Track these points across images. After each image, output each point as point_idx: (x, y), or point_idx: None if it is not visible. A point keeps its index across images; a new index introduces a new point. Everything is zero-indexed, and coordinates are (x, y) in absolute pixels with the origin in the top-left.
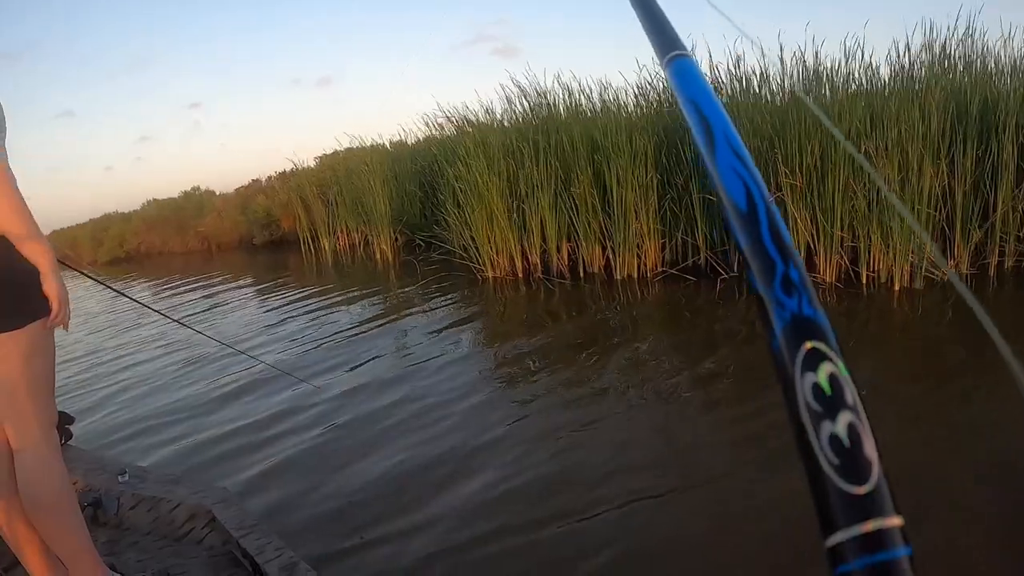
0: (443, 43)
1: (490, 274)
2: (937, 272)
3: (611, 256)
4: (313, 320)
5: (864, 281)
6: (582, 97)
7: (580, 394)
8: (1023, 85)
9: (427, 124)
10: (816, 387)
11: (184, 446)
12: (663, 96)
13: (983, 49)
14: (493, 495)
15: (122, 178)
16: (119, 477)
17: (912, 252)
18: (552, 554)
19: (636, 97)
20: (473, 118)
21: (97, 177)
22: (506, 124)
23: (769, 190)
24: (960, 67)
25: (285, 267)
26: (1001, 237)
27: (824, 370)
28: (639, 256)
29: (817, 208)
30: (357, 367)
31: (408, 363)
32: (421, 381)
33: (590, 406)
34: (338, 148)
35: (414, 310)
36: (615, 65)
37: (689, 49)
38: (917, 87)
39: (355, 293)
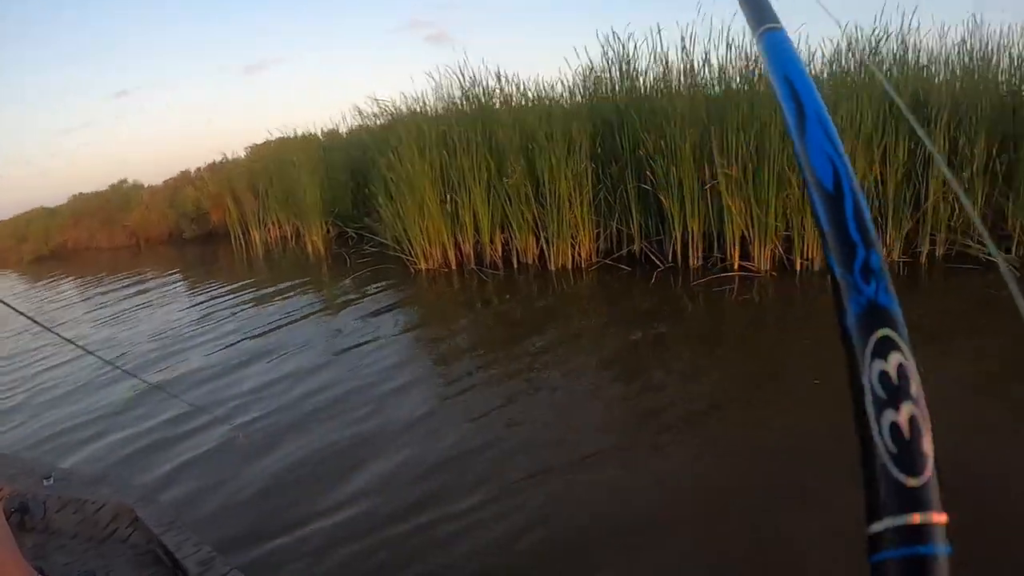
0: (377, 27)
1: (423, 266)
2: None
3: (545, 246)
4: (239, 314)
5: (798, 269)
6: (515, 87)
7: (506, 381)
8: (954, 81)
9: (359, 113)
10: (884, 375)
11: (100, 447)
12: (597, 87)
13: (916, 45)
14: (413, 475)
15: (46, 172)
16: (44, 481)
17: None
18: (478, 529)
19: (572, 87)
20: (405, 107)
21: (20, 171)
22: (439, 113)
23: (704, 180)
24: (890, 62)
25: (215, 261)
26: (932, 226)
27: (894, 359)
28: (573, 246)
29: (752, 198)
30: (281, 360)
31: (334, 354)
32: (345, 371)
33: (516, 392)
34: (269, 138)
35: (344, 302)
36: (551, 55)
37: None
38: (849, 81)
39: (284, 287)
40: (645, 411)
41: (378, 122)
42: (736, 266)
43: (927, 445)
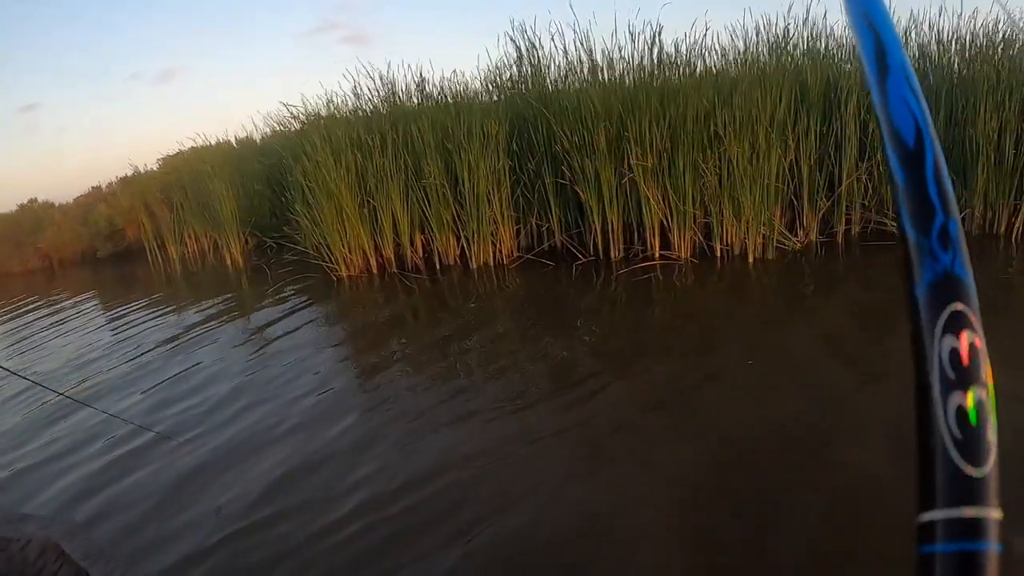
0: (289, 31)
1: (344, 272)
2: (787, 242)
3: (466, 246)
4: (154, 333)
5: (719, 255)
6: (431, 85)
7: (424, 380)
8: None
9: (273, 119)
10: (954, 353)
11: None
12: (511, 83)
13: (825, 31)
14: (346, 481)
15: None
16: None
17: (764, 224)
18: (410, 524)
19: (487, 84)
20: (319, 111)
21: None
22: (353, 116)
23: (622, 173)
24: (800, 49)
25: (132, 280)
26: (847, 206)
27: (967, 338)
28: (494, 244)
29: (669, 187)
30: (196, 374)
31: (251, 365)
32: (262, 382)
33: (433, 389)
34: (182, 148)
35: (263, 314)
36: (466, 51)
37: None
38: (760, 69)
39: (203, 302)
40: (565, 401)
41: (293, 127)
42: (657, 255)
43: (992, 435)
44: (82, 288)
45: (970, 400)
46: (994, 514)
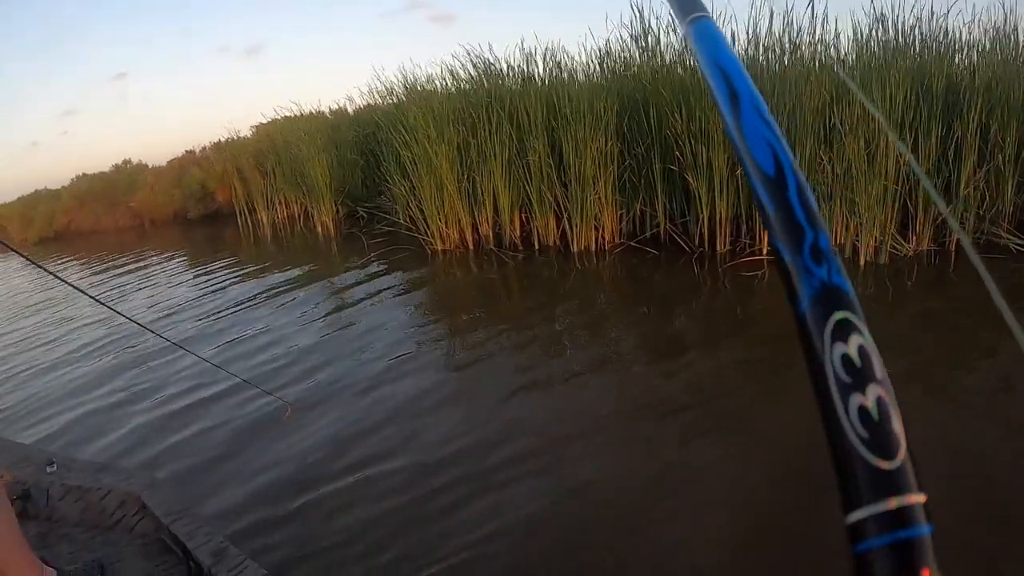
0: (376, 10)
1: (439, 247)
2: (901, 248)
3: (567, 227)
4: (248, 297)
5: None
6: (536, 62)
7: (520, 360)
8: (989, 68)
9: (370, 91)
10: (845, 358)
11: (109, 425)
12: (617, 62)
13: (945, 30)
14: (438, 453)
15: (50, 153)
16: (47, 468)
17: (876, 227)
18: (502, 499)
19: (596, 61)
20: (419, 85)
21: (23, 153)
22: (454, 91)
23: (734, 160)
24: (918, 46)
25: (222, 242)
26: (962, 215)
27: (854, 341)
28: (596, 228)
29: None
30: (297, 342)
31: (350, 338)
32: (357, 350)
33: (528, 371)
34: (275, 117)
35: (358, 284)
36: (559, 31)
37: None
38: (877, 64)
39: (295, 268)
40: (658, 396)
41: (390, 99)
42: (765, 251)
43: (898, 425)
44: (173, 247)
45: (869, 398)
46: (917, 499)
